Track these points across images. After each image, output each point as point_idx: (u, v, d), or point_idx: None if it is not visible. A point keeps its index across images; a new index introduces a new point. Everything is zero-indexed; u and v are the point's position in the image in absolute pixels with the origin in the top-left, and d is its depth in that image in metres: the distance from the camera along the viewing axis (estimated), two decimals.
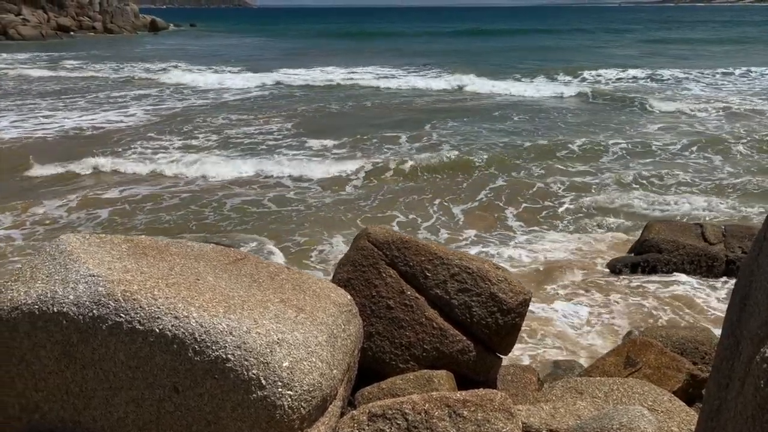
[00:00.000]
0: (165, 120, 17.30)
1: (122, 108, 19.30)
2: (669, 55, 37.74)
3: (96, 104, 20.10)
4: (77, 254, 2.86)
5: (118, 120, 17.30)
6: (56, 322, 2.60)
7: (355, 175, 11.65)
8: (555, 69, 29.05)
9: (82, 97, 21.74)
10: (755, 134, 14.66)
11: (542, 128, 16.04)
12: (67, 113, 18.38)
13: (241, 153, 13.49)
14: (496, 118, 17.57)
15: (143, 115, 18.01)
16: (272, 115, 18.13)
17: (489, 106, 19.75)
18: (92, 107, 19.55)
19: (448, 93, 22.96)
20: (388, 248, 3.98)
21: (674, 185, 10.99)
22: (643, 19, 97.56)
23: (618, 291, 6.86)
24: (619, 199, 10.10)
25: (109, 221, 9.34)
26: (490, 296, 3.82)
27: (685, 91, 22.41)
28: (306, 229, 8.98)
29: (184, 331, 2.50)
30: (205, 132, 15.70)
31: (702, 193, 10.50)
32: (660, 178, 11.38)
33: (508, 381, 4.19)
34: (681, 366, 4.04)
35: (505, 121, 17.09)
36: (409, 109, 19.39)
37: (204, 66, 31.99)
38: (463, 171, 11.95)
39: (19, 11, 56.38)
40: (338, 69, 30.43)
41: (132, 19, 68.59)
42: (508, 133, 15.44)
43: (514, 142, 14.25)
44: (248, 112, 18.68)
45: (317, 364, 2.59)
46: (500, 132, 15.58)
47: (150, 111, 18.83)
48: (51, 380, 2.65)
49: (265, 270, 3.17)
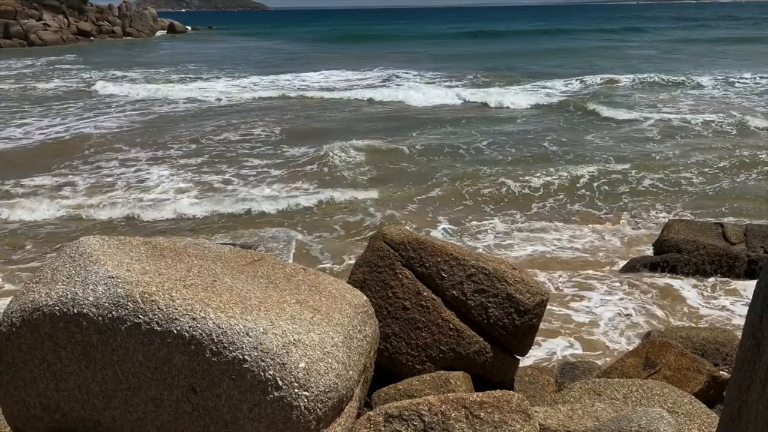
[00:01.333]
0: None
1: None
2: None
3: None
4: (97, 256, 2.90)
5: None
6: (77, 323, 2.63)
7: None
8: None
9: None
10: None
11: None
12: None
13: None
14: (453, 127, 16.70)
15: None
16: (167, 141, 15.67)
17: (451, 117, 18.42)
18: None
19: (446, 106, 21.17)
20: (404, 249, 3.98)
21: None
22: (670, 17, 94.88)
23: (637, 291, 6.79)
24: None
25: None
26: (506, 297, 3.80)
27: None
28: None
29: (201, 332, 2.52)
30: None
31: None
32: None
33: (525, 382, 4.16)
34: (701, 367, 3.98)
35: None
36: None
37: (188, 73, 31.05)
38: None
39: (41, 16, 57.28)
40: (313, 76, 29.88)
41: (150, 23, 69.38)
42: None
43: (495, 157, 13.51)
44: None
45: (333, 365, 2.60)
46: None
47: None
48: (72, 380, 2.69)
49: (282, 271, 3.19)
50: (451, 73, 29.37)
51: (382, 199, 10.60)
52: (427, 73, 29.56)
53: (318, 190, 11.12)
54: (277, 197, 10.79)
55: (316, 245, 8.50)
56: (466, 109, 19.97)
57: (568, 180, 11.19)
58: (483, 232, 8.96)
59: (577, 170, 11.73)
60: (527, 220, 9.43)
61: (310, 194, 10.90)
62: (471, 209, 10.03)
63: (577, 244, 8.28)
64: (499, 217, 9.64)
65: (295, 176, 12.19)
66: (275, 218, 9.79)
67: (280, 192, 11.22)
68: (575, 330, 6.03)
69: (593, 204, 10.11)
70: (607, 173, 11.61)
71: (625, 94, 22.10)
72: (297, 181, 11.85)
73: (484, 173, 11.87)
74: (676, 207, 9.85)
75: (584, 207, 10.04)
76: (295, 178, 12.08)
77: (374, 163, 13.02)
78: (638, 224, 9.07)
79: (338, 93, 23.77)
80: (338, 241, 8.82)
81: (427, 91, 23.02)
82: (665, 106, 19.22)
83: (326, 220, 9.60)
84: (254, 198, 10.75)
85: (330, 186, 11.45)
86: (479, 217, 9.62)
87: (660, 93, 22.03)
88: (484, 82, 26.24)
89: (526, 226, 9.11)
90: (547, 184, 10.98)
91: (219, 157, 13.91)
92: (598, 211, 9.80)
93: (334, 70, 31.83)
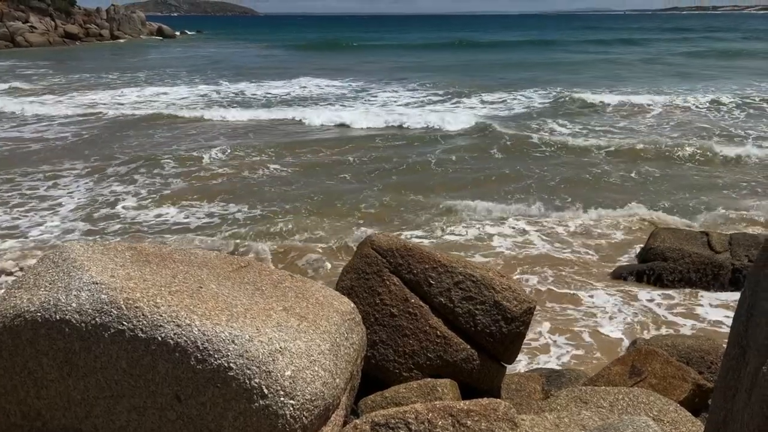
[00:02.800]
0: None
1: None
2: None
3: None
4: (80, 261, 2.86)
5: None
6: (59, 330, 2.59)
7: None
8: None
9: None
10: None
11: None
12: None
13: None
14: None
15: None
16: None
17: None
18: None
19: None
20: (391, 255, 3.97)
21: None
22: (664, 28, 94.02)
23: (623, 299, 6.82)
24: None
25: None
26: (494, 304, 3.80)
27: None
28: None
29: (186, 339, 2.49)
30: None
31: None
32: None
33: (512, 390, 4.16)
34: (687, 375, 4.00)
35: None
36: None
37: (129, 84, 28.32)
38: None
39: (27, 18, 56.89)
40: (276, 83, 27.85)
41: (139, 27, 69.15)
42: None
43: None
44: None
45: (320, 373, 2.58)
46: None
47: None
48: (53, 388, 2.65)
49: (269, 278, 3.17)
50: (424, 88, 26.43)
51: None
52: (395, 87, 26.70)
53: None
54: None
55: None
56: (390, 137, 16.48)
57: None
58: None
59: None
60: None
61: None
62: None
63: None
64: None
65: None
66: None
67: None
68: (563, 337, 6.04)
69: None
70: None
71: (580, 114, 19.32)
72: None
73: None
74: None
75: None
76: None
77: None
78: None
79: (275, 112, 20.40)
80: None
81: (365, 116, 18.82)
82: (626, 129, 17.01)
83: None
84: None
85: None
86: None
87: (624, 114, 19.44)
88: (444, 97, 23.72)
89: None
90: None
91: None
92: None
93: (303, 77, 29.91)
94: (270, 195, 11.10)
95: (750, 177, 11.96)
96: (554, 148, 14.55)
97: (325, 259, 8.04)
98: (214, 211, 10.25)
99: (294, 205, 10.37)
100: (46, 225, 9.65)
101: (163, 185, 11.80)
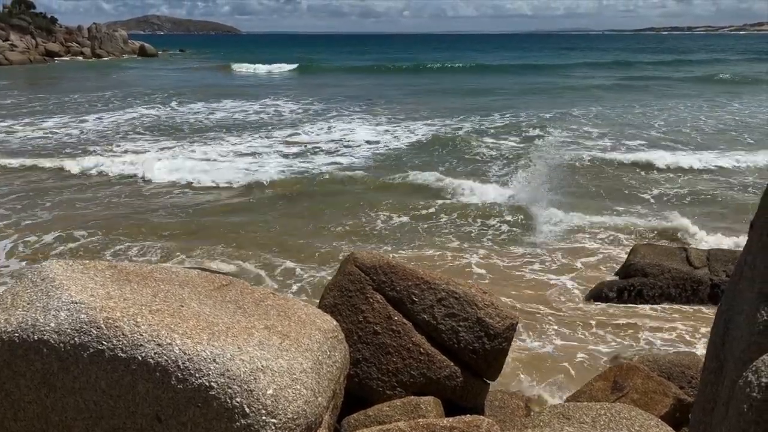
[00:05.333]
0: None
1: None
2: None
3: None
4: (60, 281, 2.83)
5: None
6: (37, 350, 2.55)
7: None
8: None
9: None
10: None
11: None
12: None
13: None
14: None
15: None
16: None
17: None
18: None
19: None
20: (375, 273, 3.97)
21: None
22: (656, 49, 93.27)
23: (603, 315, 6.87)
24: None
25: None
26: (477, 321, 3.82)
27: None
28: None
29: (167, 358, 2.47)
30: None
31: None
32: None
33: (495, 407, 4.16)
34: (668, 390, 4.04)
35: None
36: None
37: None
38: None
39: (7, 36, 56.53)
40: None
41: (121, 45, 68.91)
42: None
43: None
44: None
45: (302, 392, 2.56)
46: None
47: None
48: (30, 409, 2.60)
49: (251, 296, 3.15)
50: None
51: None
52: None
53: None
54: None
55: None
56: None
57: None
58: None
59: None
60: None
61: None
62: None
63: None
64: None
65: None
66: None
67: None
68: (542, 352, 6.06)
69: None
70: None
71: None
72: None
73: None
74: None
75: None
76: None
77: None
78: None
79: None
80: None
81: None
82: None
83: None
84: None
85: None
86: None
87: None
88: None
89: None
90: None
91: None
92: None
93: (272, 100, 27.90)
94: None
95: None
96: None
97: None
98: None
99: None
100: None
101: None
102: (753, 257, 1.94)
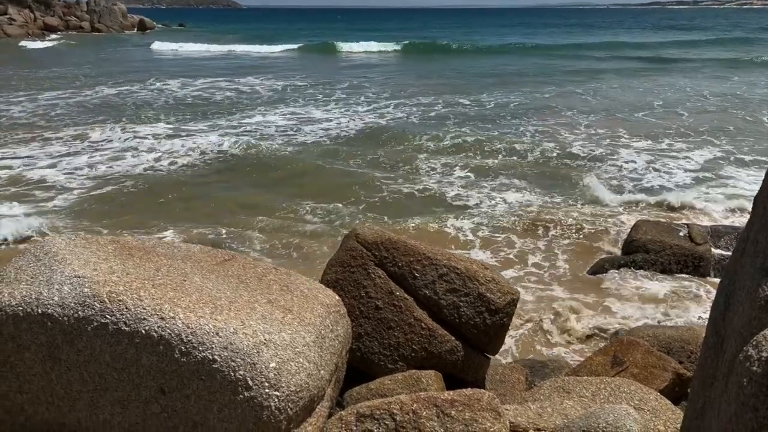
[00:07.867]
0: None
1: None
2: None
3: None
4: (62, 255, 2.84)
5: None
6: (41, 324, 2.57)
7: None
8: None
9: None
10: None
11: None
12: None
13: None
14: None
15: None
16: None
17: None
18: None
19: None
20: (376, 249, 3.98)
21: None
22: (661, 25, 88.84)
23: (605, 290, 6.90)
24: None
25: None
26: (478, 296, 3.83)
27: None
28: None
29: (170, 332, 2.49)
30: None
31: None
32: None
33: (496, 381, 4.20)
34: (667, 365, 4.07)
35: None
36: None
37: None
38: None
39: (5, 10, 55.96)
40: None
41: (120, 19, 68.17)
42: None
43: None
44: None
45: (304, 365, 2.58)
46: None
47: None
48: (36, 382, 2.63)
49: (253, 270, 3.16)
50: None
51: None
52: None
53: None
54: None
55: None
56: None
57: None
58: None
59: None
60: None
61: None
62: None
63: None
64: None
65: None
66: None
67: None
68: (545, 328, 6.10)
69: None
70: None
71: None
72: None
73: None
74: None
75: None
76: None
77: None
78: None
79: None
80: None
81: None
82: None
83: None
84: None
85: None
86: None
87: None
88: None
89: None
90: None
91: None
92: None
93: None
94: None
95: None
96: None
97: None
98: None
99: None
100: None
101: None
102: (755, 233, 1.94)
